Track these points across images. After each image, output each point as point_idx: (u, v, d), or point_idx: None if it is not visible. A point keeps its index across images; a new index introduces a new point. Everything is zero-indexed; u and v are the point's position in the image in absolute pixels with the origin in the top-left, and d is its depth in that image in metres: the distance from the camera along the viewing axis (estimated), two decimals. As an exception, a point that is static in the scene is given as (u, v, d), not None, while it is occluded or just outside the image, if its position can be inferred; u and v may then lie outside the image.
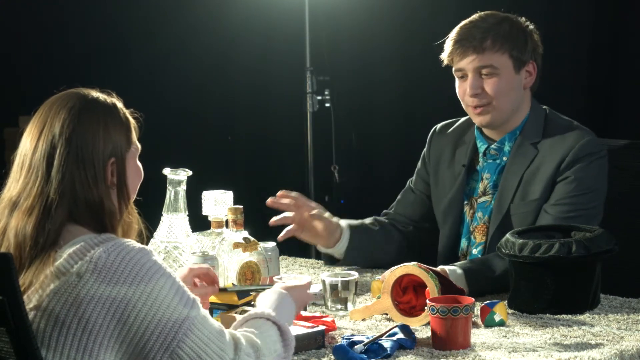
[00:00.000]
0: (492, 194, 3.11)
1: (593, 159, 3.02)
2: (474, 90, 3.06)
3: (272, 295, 2.31)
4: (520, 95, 3.10)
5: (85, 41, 5.32)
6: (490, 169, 3.13)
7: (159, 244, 2.86)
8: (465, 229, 3.16)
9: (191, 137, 5.50)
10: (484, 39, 3.04)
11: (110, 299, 2.04)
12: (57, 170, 2.11)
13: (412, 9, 5.13)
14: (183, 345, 2.06)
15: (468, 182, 3.17)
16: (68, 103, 2.16)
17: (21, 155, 2.17)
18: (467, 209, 3.16)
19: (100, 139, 2.14)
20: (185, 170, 2.88)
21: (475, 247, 3.12)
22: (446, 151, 3.23)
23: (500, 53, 3.05)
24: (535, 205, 3.02)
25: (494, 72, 3.05)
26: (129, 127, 2.21)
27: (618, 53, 4.84)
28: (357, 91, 5.42)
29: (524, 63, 3.09)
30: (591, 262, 2.69)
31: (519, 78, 3.09)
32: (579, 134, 3.05)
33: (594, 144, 3.04)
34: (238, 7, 5.31)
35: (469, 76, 3.07)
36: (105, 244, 2.08)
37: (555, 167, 3.02)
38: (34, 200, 2.11)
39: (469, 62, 3.06)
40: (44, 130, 2.14)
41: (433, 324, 2.42)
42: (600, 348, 2.38)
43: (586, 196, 3.00)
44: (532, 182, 3.04)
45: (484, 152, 3.14)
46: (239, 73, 5.45)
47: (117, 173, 2.16)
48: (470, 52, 3.05)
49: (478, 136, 3.16)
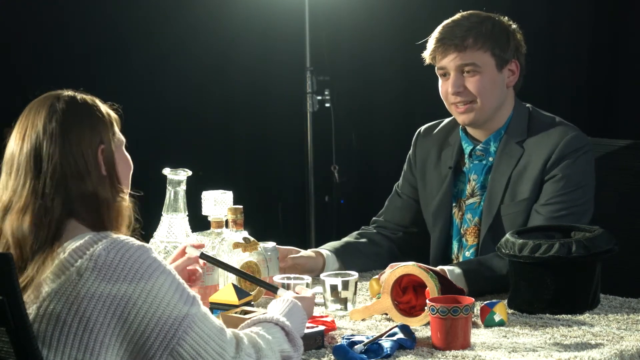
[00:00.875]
0: (480, 195, 3.11)
1: (579, 155, 3.02)
2: (456, 89, 3.07)
3: (283, 303, 2.32)
4: (503, 94, 3.10)
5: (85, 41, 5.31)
6: (477, 169, 3.13)
7: (159, 244, 2.86)
8: (455, 231, 3.16)
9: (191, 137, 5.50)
10: (465, 37, 3.05)
11: (110, 296, 2.04)
12: (47, 166, 2.11)
13: (412, 9, 5.13)
14: (183, 343, 2.06)
15: (455, 184, 3.17)
16: (47, 102, 2.17)
17: (7, 162, 2.17)
18: (456, 210, 3.15)
19: (85, 130, 2.15)
20: (185, 170, 2.88)
21: (467, 249, 3.12)
22: (432, 153, 3.22)
23: (482, 51, 3.06)
24: (526, 204, 3.02)
25: (476, 70, 3.06)
26: (111, 119, 2.21)
27: (618, 53, 4.84)
28: (357, 91, 5.42)
29: (506, 62, 3.09)
30: (591, 262, 2.69)
31: (501, 76, 3.09)
32: (563, 130, 3.05)
33: (578, 140, 3.04)
34: (238, 7, 5.31)
35: (451, 74, 3.08)
36: (104, 241, 2.08)
37: (542, 165, 3.02)
38: (26, 199, 2.11)
39: (450, 60, 3.07)
40: (27, 132, 2.15)
41: (433, 324, 2.42)
42: (600, 348, 2.38)
43: (575, 192, 3.00)
44: (520, 181, 3.04)
45: (470, 153, 3.14)
46: (239, 73, 5.44)
47: (106, 162, 2.16)
48: (451, 51, 3.06)
49: (463, 137, 3.16)
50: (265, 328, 2.21)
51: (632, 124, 4.68)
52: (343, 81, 5.32)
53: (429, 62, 3.13)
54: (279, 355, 2.17)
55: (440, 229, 3.16)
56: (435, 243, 3.17)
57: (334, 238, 3.28)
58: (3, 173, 2.17)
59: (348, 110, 5.31)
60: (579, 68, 4.90)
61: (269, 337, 2.18)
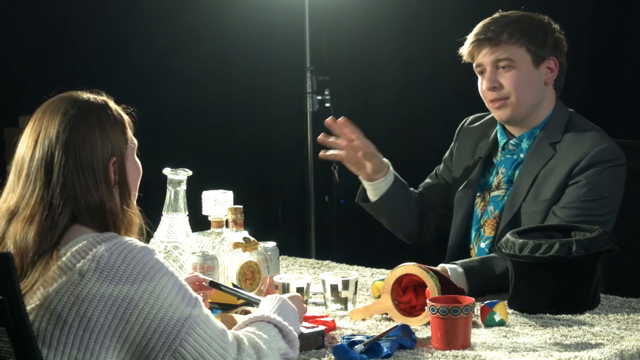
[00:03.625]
0: (505, 189, 3.11)
1: (608, 166, 2.99)
2: (491, 84, 3.07)
3: (272, 301, 2.32)
4: (540, 91, 3.09)
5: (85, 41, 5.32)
6: (507, 163, 3.13)
7: (159, 244, 2.86)
8: (475, 220, 3.16)
9: (191, 137, 5.50)
10: (500, 33, 3.06)
11: (112, 297, 2.04)
12: (57, 177, 2.11)
13: (412, 9, 5.13)
14: (185, 344, 2.06)
15: (484, 174, 3.18)
16: (61, 108, 2.15)
17: (17, 165, 2.16)
18: (479, 200, 3.16)
19: (97, 141, 2.14)
20: (185, 170, 2.88)
21: (483, 240, 3.12)
22: (470, 143, 3.24)
23: (517, 46, 3.06)
24: (546, 205, 3.01)
25: (511, 65, 3.06)
26: (124, 123, 2.21)
27: (618, 53, 4.84)
28: (357, 91, 5.42)
29: (543, 58, 3.08)
30: (591, 262, 2.69)
31: (538, 73, 3.08)
32: (598, 139, 3.02)
33: (611, 151, 3.01)
34: (238, 7, 5.31)
35: (487, 70, 3.08)
36: (107, 242, 2.07)
37: (569, 170, 3.00)
38: (33, 208, 2.11)
39: (484, 55, 3.07)
40: (39, 138, 2.13)
41: (433, 324, 2.42)
42: (600, 348, 2.38)
43: (596, 202, 2.97)
44: (546, 182, 3.03)
45: (503, 146, 3.14)
46: (239, 73, 5.45)
47: (118, 172, 2.16)
48: (486, 45, 3.07)
49: (500, 130, 3.17)
50: (259, 327, 2.20)
51: (632, 124, 4.68)
52: (343, 81, 5.32)
53: (467, 60, 3.13)
54: (277, 354, 2.17)
55: (462, 217, 3.17)
56: (455, 229, 3.19)
57: (334, 238, 3.29)
58: (12, 174, 2.17)
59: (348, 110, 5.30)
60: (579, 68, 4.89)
61: (266, 337, 2.18)
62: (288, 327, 2.22)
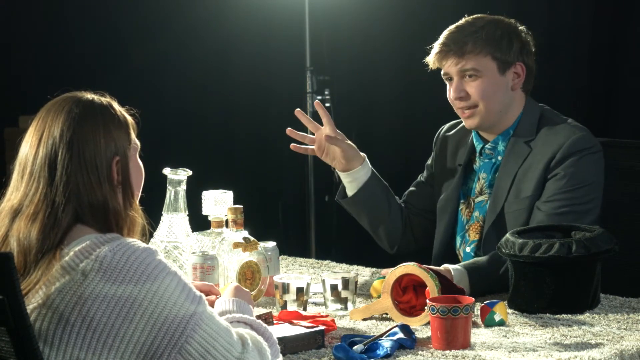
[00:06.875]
0: (488, 193, 3.12)
1: (584, 154, 3.01)
2: (457, 93, 3.09)
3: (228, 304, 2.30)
4: (508, 97, 3.10)
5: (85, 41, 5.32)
6: (486, 168, 3.14)
7: (159, 244, 2.86)
8: (460, 227, 3.16)
9: (191, 137, 5.50)
10: (465, 43, 3.06)
11: (115, 297, 2.04)
12: (61, 175, 2.11)
13: (412, 9, 5.13)
14: (191, 341, 2.06)
15: (466, 181, 3.18)
16: (65, 107, 2.16)
17: (21, 164, 2.16)
18: (464, 207, 3.16)
19: (101, 140, 2.15)
20: (185, 170, 2.88)
21: (468, 244, 3.13)
22: (449, 151, 3.24)
23: (482, 55, 3.06)
24: (528, 202, 3.02)
25: (476, 75, 3.07)
26: (127, 124, 2.21)
27: (618, 53, 4.83)
28: (357, 91, 5.42)
29: (510, 64, 3.09)
30: (591, 262, 2.69)
31: (504, 79, 3.09)
32: (570, 130, 3.04)
33: (585, 140, 3.03)
34: (238, 7, 5.31)
35: (453, 79, 3.09)
36: (110, 243, 2.08)
37: (546, 164, 3.02)
38: (37, 206, 2.11)
39: (449, 66, 3.09)
40: (43, 136, 2.14)
41: (433, 324, 2.42)
42: (600, 348, 2.38)
43: (578, 191, 2.99)
44: (525, 179, 3.04)
45: (480, 151, 3.15)
46: (239, 73, 5.45)
47: (121, 172, 2.17)
48: (451, 56, 3.08)
49: (475, 135, 3.18)
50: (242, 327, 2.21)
51: (632, 124, 4.68)
52: (343, 81, 5.32)
53: (435, 67, 3.13)
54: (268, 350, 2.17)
55: (445, 224, 3.18)
56: (439, 237, 3.19)
57: (334, 238, 3.29)
58: (15, 173, 2.17)
59: (348, 110, 5.31)
60: (579, 68, 4.90)
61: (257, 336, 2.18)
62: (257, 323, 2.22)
